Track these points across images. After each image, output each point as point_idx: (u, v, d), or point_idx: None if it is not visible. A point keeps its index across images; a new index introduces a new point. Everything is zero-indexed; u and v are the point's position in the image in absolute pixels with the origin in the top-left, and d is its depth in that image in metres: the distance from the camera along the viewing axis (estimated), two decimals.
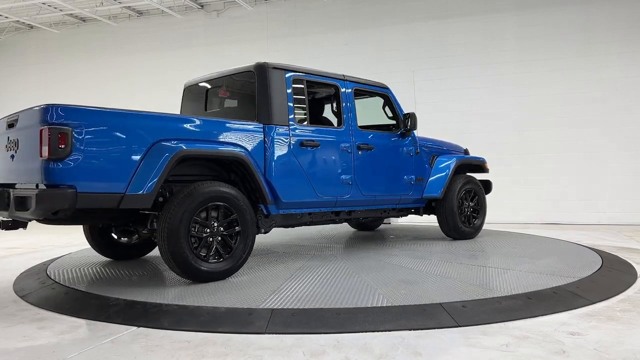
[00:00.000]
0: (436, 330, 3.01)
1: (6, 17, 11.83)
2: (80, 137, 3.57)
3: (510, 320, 3.15)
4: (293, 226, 5.28)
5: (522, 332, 2.95)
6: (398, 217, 6.52)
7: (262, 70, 4.76)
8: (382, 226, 8.11)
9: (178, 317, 3.31)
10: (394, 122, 6.01)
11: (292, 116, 4.82)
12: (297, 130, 4.83)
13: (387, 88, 6.01)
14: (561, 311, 3.34)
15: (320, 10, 11.09)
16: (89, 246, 5.35)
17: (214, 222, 4.15)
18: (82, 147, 3.57)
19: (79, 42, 12.87)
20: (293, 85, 4.90)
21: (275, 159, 4.62)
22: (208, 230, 4.11)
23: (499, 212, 9.76)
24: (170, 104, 6.98)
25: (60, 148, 3.49)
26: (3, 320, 3.42)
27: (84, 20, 12.74)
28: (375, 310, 3.28)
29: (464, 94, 10.17)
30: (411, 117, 5.81)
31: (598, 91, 9.46)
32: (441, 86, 10.30)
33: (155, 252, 5.40)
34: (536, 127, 9.76)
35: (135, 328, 3.15)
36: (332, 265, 4.73)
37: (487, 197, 6.88)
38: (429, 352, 2.66)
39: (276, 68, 4.82)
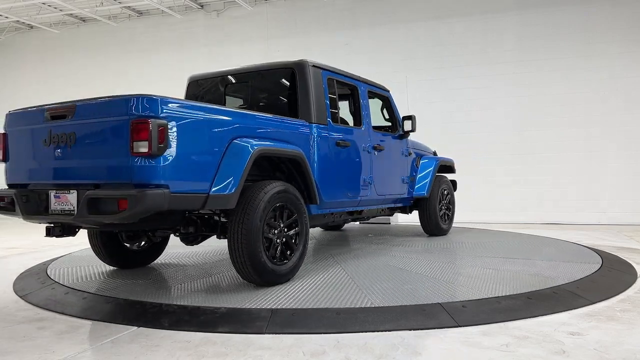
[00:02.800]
0: (436, 330, 3.01)
1: (6, 17, 11.83)
2: (173, 132, 3.28)
3: (510, 320, 3.15)
4: (315, 226, 5.27)
5: (522, 332, 2.95)
6: (390, 215, 6.73)
7: (303, 68, 4.69)
8: (362, 226, 8.23)
9: (178, 317, 3.31)
10: (389, 123, 6.16)
11: (329, 116, 4.83)
12: (332, 130, 4.85)
13: (388, 91, 6.19)
14: (561, 311, 3.34)
15: (320, 10, 11.09)
16: (89, 246, 5.29)
17: (280, 223, 4.02)
18: (174, 143, 3.28)
19: (79, 42, 12.87)
20: (328, 85, 4.92)
21: (318, 158, 4.57)
22: (275, 231, 3.96)
23: (499, 212, 9.77)
24: None
25: (161, 144, 3.18)
26: (3, 320, 3.42)
27: (84, 20, 12.74)
28: (375, 310, 3.28)
29: (463, 94, 10.17)
30: (412, 119, 5.93)
31: (598, 91, 9.46)
32: (441, 86, 10.30)
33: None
34: (536, 127, 9.76)
35: (135, 328, 3.15)
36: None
37: (487, 196, 6.96)
38: (429, 352, 2.66)
39: (315, 66, 4.79)
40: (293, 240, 4.12)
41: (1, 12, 11.47)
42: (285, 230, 4.05)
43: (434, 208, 6.59)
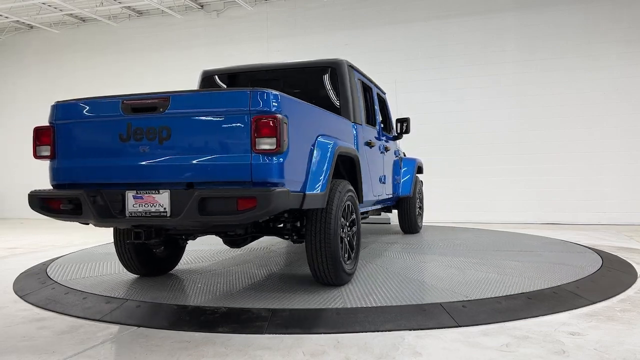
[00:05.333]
0: (436, 330, 3.01)
1: (6, 17, 11.83)
2: (288, 129, 3.14)
3: (510, 320, 3.15)
4: None
5: (522, 332, 2.95)
6: (379, 214, 6.87)
7: (343, 67, 4.66)
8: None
9: (178, 317, 3.31)
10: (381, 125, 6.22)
11: (363, 115, 4.86)
12: (365, 130, 4.90)
13: (385, 93, 6.40)
14: (561, 311, 3.34)
15: (320, 10, 11.09)
16: (89, 246, 5.28)
17: (346, 222, 3.97)
18: (288, 140, 3.13)
19: (79, 42, 12.87)
20: (359, 85, 4.96)
21: (359, 157, 4.51)
22: (344, 230, 3.92)
23: (499, 212, 9.77)
24: None
25: (285, 140, 3.04)
26: (3, 320, 3.42)
27: (84, 20, 12.74)
28: (375, 310, 3.28)
29: (463, 94, 10.17)
30: (406, 121, 5.99)
31: (598, 91, 9.46)
32: (441, 86, 10.30)
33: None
34: (536, 127, 9.76)
35: (135, 328, 3.15)
36: None
37: (487, 196, 7.04)
38: (429, 352, 2.66)
39: (351, 66, 4.79)
40: (354, 239, 4.10)
41: (1, 12, 11.46)
42: (349, 229, 4.02)
43: (414, 207, 6.89)
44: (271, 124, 2.97)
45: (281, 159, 3.05)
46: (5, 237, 8.39)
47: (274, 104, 3.05)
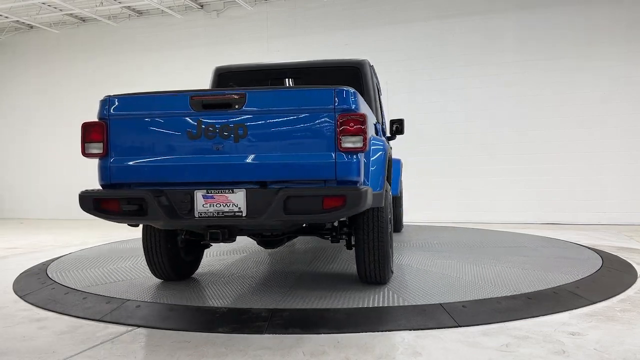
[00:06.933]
0: (436, 330, 3.00)
1: (6, 17, 11.82)
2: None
3: (510, 321, 3.15)
4: None
5: (522, 332, 2.95)
6: None
7: (366, 68, 4.65)
8: None
9: (178, 317, 3.31)
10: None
11: (380, 116, 4.86)
12: (383, 129, 4.93)
13: (382, 94, 6.42)
14: (561, 311, 3.34)
15: (320, 10, 11.09)
16: (89, 246, 5.27)
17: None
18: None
19: (79, 42, 12.86)
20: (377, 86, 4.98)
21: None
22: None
23: (499, 212, 9.77)
24: None
25: (368, 139, 3.03)
26: (3, 320, 3.42)
27: (84, 20, 12.74)
28: (375, 310, 3.28)
29: (464, 94, 10.17)
30: (400, 123, 6.00)
31: (598, 91, 9.46)
32: (441, 86, 10.29)
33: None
34: (536, 127, 9.76)
35: (135, 328, 3.15)
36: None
37: (487, 196, 6.99)
38: (429, 352, 2.66)
39: (372, 67, 4.77)
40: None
41: (1, 12, 11.46)
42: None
43: (400, 206, 6.97)
44: (358, 122, 2.95)
45: (362, 158, 3.04)
46: (5, 237, 8.39)
47: (356, 102, 3.04)
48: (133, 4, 11.49)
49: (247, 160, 3.09)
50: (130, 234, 7.82)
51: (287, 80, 5.00)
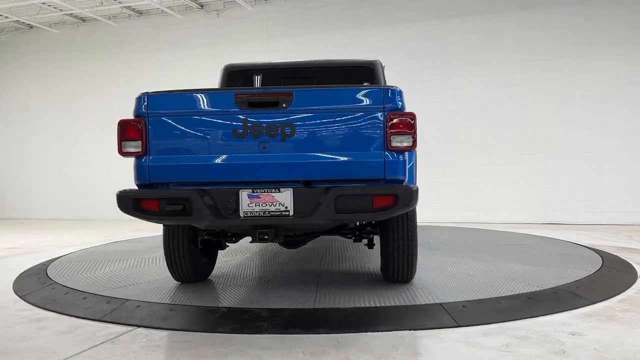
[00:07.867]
0: (436, 330, 3.00)
1: (6, 17, 11.82)
2: None
3: (510, 320, 3.15)
4: None
5: (522, 332, 2.95)
6: None
7: (379, 68, 4.66)
8: None
9: (178, 317, 3.31)
10: None
11: None
12: None
13: None
14: (561, 311, 3.34)
15: (320, 10, 11.09)
16: (89, 246, 5.28)
17: None
18: None
19: (79, 42, 12.86)
20: None
21: None
22: None
23: (499, 212, 9.77)
24: None
25: (416, 138, 3.02)
26: (3, 320, 3.42)
27: (84, 20, 12.74)
28: (376, 310, 3.28)
29: (464, 94, 10.16)
30: None
31: (598, 91, 9.45)
32: (441, 86, 10.29)
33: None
34: (536, 127, 9.76)
35: (135, 328, 3.15)
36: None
37: (487, 196, 6.93)
38: (429, 352, 2.66)
39: (383, 67, 4.75)
40: None
41: (1, 12, 11.46)
42: None
43: None
44: (408, 121, 2.97)
45: (408, 157, 3.05)
46: (6, 237, 8.39)
47: (404, 101, 3.05)
48: (133, 4, 11.49)
49: (294, 160, 3.07)
50: (131, 234, 7.83)
51: (289, 80, 4.90)
